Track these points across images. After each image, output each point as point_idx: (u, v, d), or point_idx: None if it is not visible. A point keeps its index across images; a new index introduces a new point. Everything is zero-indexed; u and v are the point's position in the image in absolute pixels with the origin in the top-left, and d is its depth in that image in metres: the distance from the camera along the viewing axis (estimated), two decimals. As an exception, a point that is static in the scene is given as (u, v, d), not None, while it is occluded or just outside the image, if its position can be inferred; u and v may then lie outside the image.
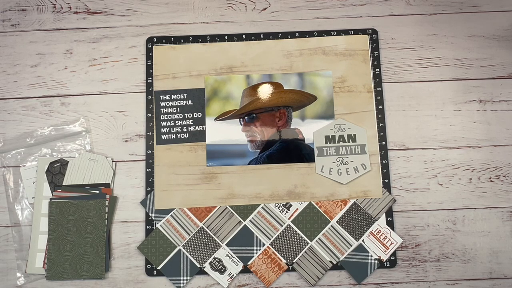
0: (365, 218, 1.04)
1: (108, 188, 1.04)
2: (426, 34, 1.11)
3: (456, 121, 1.08)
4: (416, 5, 1.13)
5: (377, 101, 1.08)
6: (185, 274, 1.02)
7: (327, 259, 1.03)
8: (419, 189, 1.06)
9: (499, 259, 1.03)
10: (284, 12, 1.12)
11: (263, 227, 1.04)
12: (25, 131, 1.08)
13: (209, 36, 1.11)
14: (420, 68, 1.10)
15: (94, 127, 1.08)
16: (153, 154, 1.06)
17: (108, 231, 1.03)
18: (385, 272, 1.03)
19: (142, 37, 1.11)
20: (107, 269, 1.02)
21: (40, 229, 1.03)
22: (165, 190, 1.05)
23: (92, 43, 1.11)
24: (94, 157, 1.05)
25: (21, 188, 1.05)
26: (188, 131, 1.07)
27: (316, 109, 1.08)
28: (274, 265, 1.03)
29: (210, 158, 1.06)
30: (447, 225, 1.04)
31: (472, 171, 1.06)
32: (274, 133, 1.07)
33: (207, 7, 1.13)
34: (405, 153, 1.07)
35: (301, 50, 1.10)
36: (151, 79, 1.09)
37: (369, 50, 1.10)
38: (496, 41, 1.11)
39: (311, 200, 1.04)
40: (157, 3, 1.13)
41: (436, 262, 1.03)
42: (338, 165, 1.05)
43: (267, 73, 1.09)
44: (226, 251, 1.03)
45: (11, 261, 1.03)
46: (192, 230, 1.04)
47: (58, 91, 1.09)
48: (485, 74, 1.10)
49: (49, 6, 1.13)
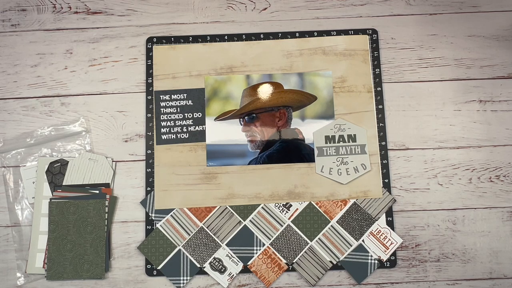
0: (365, 218, 1.04)
1: (108, 188, 1.05)
2: (426, 34, 1.11)
3: (456, 121, 1.08)
4: (416, 5, 1.13)
5: (377, 101, 1.08)
6: (185, 274, 1.02)
7: (327, 259, 1.03)
8: (419, 189, 1.06)
9: (499, 259, 1.03)
10: (284, 12, 1.12)
11: (263, 227, 1.04)
12: (25, 131, 1.08)
13: (209, 36, 1.11)
14: (420, 68, 1.10)
15: (94, 127, 1.08)
16: (153, 154, 1.06)
17: (108, 231, 1.03)
18: (385, 272, 1.03)
19: (142, 37, 1.11)
20: (107, 269, 1.02)
21: (40, 229, 1.03)
22: (165, 190, 1.05)
23: (92, 43, 1.11)
24: (94, 157, 1.05)
25: (21, 188, 1.05)
26: (188, 131, 1.07)
27: (316, 109, 1.08)
28: (274, 265, 1.03)
29: (210, 158, 1.06)
30: (447, 225, 1.04)
31: (472, 171, 1.06)
32: (274, 133, 1.07)
33: (207, 7, 1.13)
34: (405, 153, 1.07)
35: (301, 50, 1.10)
36: (151, 79, 1.09)
37: (369, 50, 1.10)
38: (496, 41, 1.11)
39: (311, 200, 1.04)
40: (157, 3, 1.13)
41: (436, 262, 1.03)
42: (338, 165, 1.05)
43: (267, 73, 1.09)
44: (226, 251, 1.03)
45: (11, 261, 1.03)
46: (192, 230, 1.04)
47: (58, 91, 1.09)
48: (485, 74, 1.10)
49: (49, 6, 1.13)
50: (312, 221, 1.04)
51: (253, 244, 1.03)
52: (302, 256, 1.03)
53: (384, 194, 1.05)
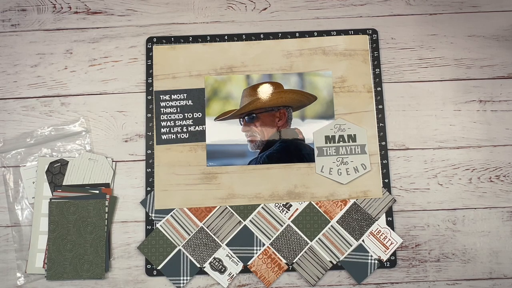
0: (365, 218, 1.04)
1: (108, 188, 1.05)
2: (426, 34, 1.11)
3: (456, 121, 1.08)
4: (416, 5, 1.13)
5: (377, 101, 1.08)
6: (185, 274, 1.02)
7: (327, 259, 1.03)
8: (419, 189, 1.06)
9: (499, 259, 1.03)
10: (284, 12, 1.12)
11: (263, 227, 1.04)
12: (25, 131, 1.08)
13: (209, 36, 1.11)
14: (420, 68, 1.10)
15: (94, 127, 1.08)
16: (153, 154, 1.06)
17: (108, 231, 1.03)
18: (385, 272, 1.03)
19: (142, 37, 1.11)
20: (107, 269, 1.02)
21: (40, 229, 1.03)
22: (165, 190, 1.05)
23: (92, 43, 1.11)
24: (94, 157, 1.05)
25: (21, 188, 1.05)
26: (188, 131, 1.07)
27: (316, 109, 1.08)
28: (274, 265, 1.03)
29: (210, 158, 1.06)
30: (447, 225, 1.04)
31: (472, 171, 1.06)
32: (274, 133, 1.07)
33: (207, 7, 1.13)
34: (405, 153, 1.07)
35: (301, 50, 1.10)
36: (151, 79, 1.09)
37: (369, 50, 1.10)
38: (496, 41, 1.11)
39: (311, 200, 1.04)
40: (157, 3, 1.13)
41: (436, 262, 1.03)
42: (338, 165, 1.05)
43: (267, 73, 1.09)
44: (226, 251, 1.03)
45: (11, 261, 1.03)
46: (192, 230, 1.04)
47: (58, 91, 1.09)
48: (485, 74, 1.10)
49: (49, 6, 1.13)
50: (312, 221, 1.04)
51: (253, 244, 1.03)
52: (302, 256, 1.03)
53: (384, 194, 1.05)
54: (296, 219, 1.04)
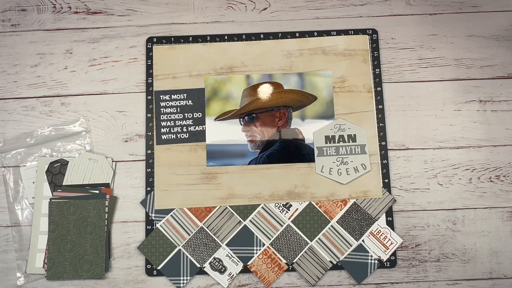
0: (365, 218, 1.04)
1: (108, 188, 1.05)
2: (426, 34, 1.11)
3: (456, 121, 1.08)
4: (416, 5, 1.13)
5: (377, 101, 1.08)
6: (185, 274, 1.02)
7: (327, 259, 1.03)
8: (419, 189, 1.06)
9: (499, 259, 1.03)
10: (284, 12, 1.12)
11: (263, 227, 1.04)
12: (25, 131, 1.08)
13: (209, 36, 1.11)
14: (420, 68, 1.10)
15: (94, 127, 1.08)
16: (153, 154, 1.06)
17: (108, 231, 1.03)
18: (385, 272, 1.03)
19: (142, 37, 1.11)
20: (107, 269, 1.02)
21: (40, 229, 1.03)
22: (165, 190, 1.05)
23: (92, 43, 1.11)
24: (94, 157, 1.05)
25: (21, 188, 1.05)
26: (188, 131, 1.07)
27: (316, 109, 1.08)
28: (274, 265, 1.03)
29: (210, 158, 1.06)
30: (447, 225, 1.04)
31: (472, 171, 1.06)
32: (274, 133, 1.07)
33: (207, 7, 1.13)
34: (405, 153, 1.07)
35: (301, 50, 1.10)
36: (151, 79, 1.09)
37: (369, 50, 1.10)
38: (496, 41, 1.11)
39: (311, 200, 1.04)
40: (157, 3, 1.13)
41: (436, 262, 1.03)
42: (338, 165, 1.05)
43: (267, 73, 1.09)
44: (226, 251, 1.03)
45: (11, 261, 1.03)
46: (192, 230, 1.04)
47: (58, 91, 1.09)
48: (485, 74, 1.10)
49: (49, 6, 1.13)
50: (312, 221, 1.04)
51: (253, 244, 1.03)
52: (302, 256, 1.03)
53: (384, 194, 1.05)
54: (296, 219, 1.04)
